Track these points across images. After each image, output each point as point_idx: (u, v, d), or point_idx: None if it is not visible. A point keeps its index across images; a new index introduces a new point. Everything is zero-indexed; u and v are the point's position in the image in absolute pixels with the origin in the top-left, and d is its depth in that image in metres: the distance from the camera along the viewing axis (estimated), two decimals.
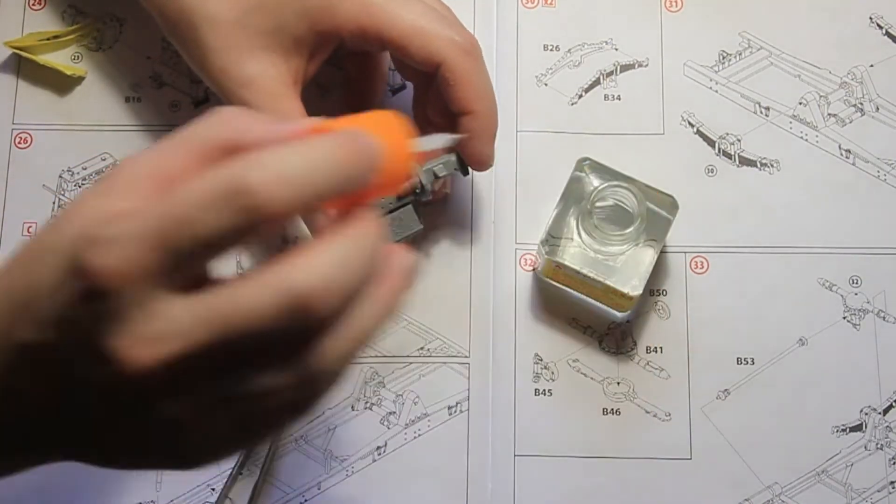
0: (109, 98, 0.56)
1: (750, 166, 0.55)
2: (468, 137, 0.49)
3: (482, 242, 0.54)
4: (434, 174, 0.49)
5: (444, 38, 0.48)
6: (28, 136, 0.56)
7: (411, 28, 0.47)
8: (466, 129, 0.48)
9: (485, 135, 0.49)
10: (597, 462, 0.51)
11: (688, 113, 0.56)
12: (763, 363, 0.53)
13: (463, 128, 0.49)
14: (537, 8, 0.57)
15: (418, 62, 0.48)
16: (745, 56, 0.56)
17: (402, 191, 0.49)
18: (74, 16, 0.58)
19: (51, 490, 0.51)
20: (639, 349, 0.53)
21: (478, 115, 0.48)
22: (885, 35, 0.57)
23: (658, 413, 0.52)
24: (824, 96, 0.56)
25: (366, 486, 0.51)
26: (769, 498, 0.51)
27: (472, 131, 0.49)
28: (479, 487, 0.51)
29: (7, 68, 0.57)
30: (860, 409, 0.52)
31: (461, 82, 0.48)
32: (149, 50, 0.57)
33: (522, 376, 0.52)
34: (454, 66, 0.48)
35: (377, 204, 0.47)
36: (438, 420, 0.52)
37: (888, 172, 0.55)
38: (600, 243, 0.49)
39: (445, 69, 0.48)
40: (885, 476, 0.51)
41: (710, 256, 0.54)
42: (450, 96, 0.48)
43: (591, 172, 0.51)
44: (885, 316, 0.53)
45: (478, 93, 0.48)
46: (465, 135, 0.48)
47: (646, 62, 0.57)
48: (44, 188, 0.55)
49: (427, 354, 0.53)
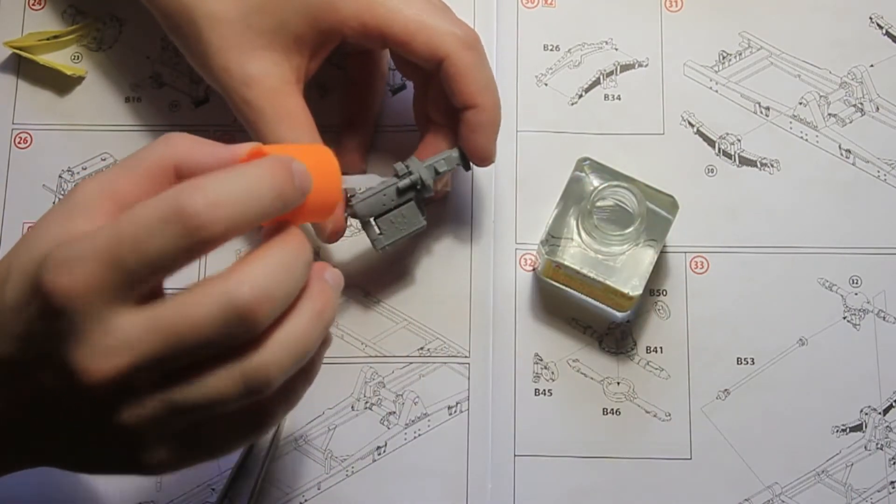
0: (109, 98, 0.56)
1: (750, 166, 0.55)
2: (472, 132, 0.48)
3: (482, 242, 0.54)
4: (435, 170, 0.49)
5: (447, 33, 0.48)
6: (28, 136, 0.56)
7: (414, 23, 0.47)
8: (470, 124, 0.48)
9: (489, 128, 0.49)
10: (597, 462, 0.51)
11: (688, 113, 0.56)
12: (763, 363, 0.53)
13: (467, 122, 0.48)
14: (537, 8, 0.57)
15: (421, 58, 0.48)
16: (745, 56, 0.57)
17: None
18: (74, 16, 0.58)
19: (50, 491, 0.51)
20: (639, 349, 0.53)
21: (482, 108, 0.48)
22: (885, 35, 0.57)
23: (658, 413, 0.52)
24: (824, 96, 0.56)
25: (366, 486, 0.51)
26: (769, 498, 0.51)
27: (477, 125, 0.48)
28: (479, 487, 0.51)
29: (7, 68, 0.57)
30: (860, 409, 0.52)
31: (465, 76, 0.48)
32: (149, 50, 0.57)
33: (522, 376, 0.52)
34: (457, 60, 0.47)
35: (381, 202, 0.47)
36: (438, 420, 0.52)
37: (888, 172, 0.55)
38: (600, 243, 0.49)
39: (449, 63, 0.48)
40: (885, 476, 0.51)
41: (710, 256, 0.54)
42: (453, 90, 0.48)
43: (591, 172, 0.51)
44: (885, 316, 0.53)
45: (481, 86, 0.48)
46: (393, 181, 0.48)
47: (646, 62, 0.57)
48: (44, 188, 0.55)
49: (427, 354, 0.53)
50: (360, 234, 0.54)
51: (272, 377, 0.36)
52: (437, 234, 0.54)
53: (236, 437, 0.38)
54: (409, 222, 0.49)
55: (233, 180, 0.35)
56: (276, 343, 0.36)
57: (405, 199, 0.49)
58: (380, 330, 0.53)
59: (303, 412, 0.52)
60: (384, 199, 0.48)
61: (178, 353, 0.34)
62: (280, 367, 0.36)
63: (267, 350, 0.36)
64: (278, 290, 0.35)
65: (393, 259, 0.54)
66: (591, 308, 0.53)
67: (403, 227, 0.49)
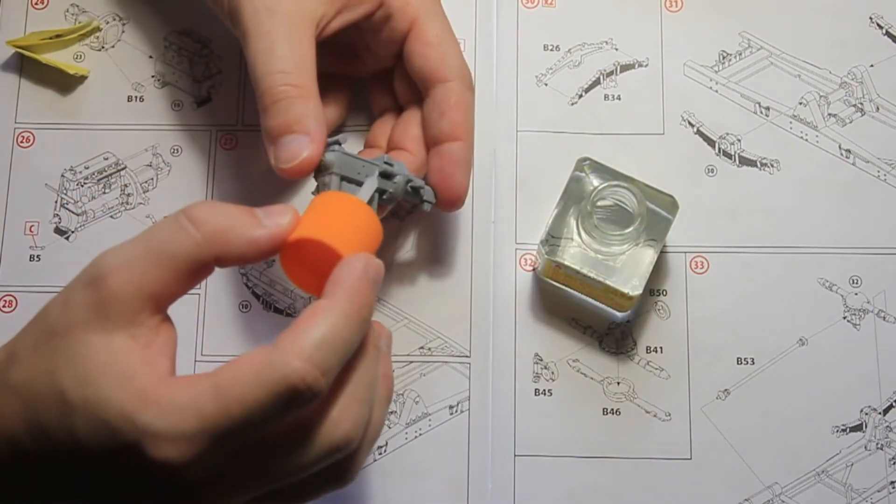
0: (112, 97, 0.57)
1: (750, 166, 0.55)
2: (451, 165, 0.48)
3: (482, 242, 0.54)
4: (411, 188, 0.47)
5: (460, 63, 0.49)
6: (30, 135, 0.56)
7: (437, 37, 0.49)
8: (453, 157, 0.49)
9: (466, 167, 0.49)
10: (597, 462, 0.51)
11: (688, 113, 0.56)
12: (763, 363, 0.53)
13: (450, 154, 0.49)
14: (537, 8, 0.58)
15: (428, 71, 0.49)
16: (745, 56, 0.57)
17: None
18: (77, 15, 0.58)
19: None
20: (639, 349, 0.53)
21: (466, 144, 0.49)
22: (885, 35, 0.57)
23: (658, 413, 0.52)
24: (824, 96, 0.56)
25: (366, 485, 0.51)
26: (769, 498, 0.51)
27: (459, 160, 0.49)
28: (479, 487, 0.51)
29: (9, 67, 0.57)
30: (860, 409, 0.52)
31: (460, 108, 0.49)
32: (151, 49, 0.57)
33: (522, 376, 0.52)
34: (458, 91, 0.49)
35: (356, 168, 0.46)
36: (439, 420, 0.52)
37: (888, 172, 0.55)
38: (600, 243, 0.49)
39: (449, 90, 0.49)
40: (885, 476, 0.51)
41: (710, 256, 0.54)
42: (443, 117, 0.49)
43: (591, 172, 0.51)
44: (885, 316, 0.53)
45: (470, 125, 0.49)
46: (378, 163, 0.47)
47: (646, 62, 0.57)
48: (46, 187, 0.55)
49: (428, 353, 0.53)
50: None
51: (351, 437, 0.38)
52: (438, 234, 0.54)
53: (322, 491, 0.40)
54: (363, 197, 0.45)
55: (329, 337, 0.36)
56: (344, 406, 0.38)
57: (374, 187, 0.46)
58: None
59: None
60: (359, 169, 0.46)
61: (242, 431, 0.35)
62: (354, 424, 0.38)
63: (336, 412, 0.38)
64: (336, 362, 0.36)
65: (394, 258, 0.54)
66: (591, 308, 0.53)
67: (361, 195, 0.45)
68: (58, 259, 0.54)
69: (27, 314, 0.54)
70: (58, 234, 0.55)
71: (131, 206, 0.55)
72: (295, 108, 0.44)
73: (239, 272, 0.54)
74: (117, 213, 0.55)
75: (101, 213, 0.55)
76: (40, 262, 0.54)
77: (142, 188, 0.55)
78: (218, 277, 0.54)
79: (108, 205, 0.55)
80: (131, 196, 0.55)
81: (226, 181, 0.55)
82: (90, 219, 0.55)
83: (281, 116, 0.45)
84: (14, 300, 0.54)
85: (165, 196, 0.55)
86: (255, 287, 0.54)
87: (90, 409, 0.35)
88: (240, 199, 0.55)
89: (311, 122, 0.45)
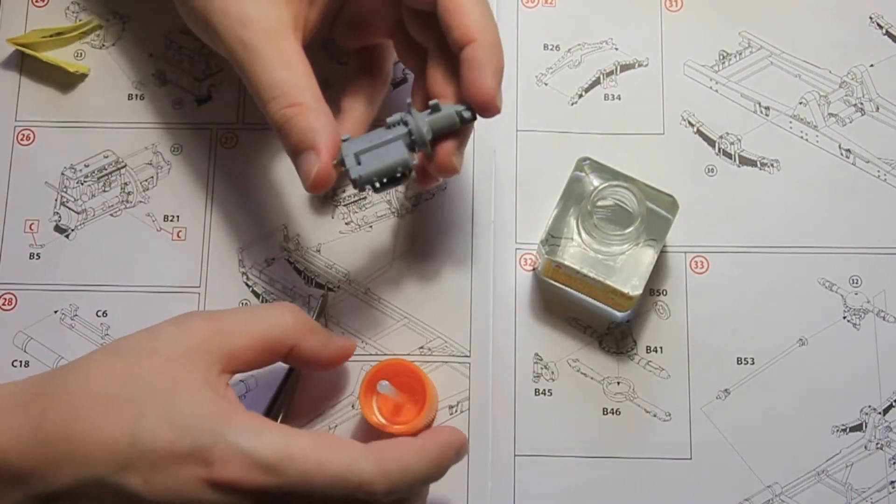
0: (112, 95, 0.57)
1: (750, 166, 0.55)
2: (471, 70, 0.46)
3: (482, 242, 0.54)
4: (431, 128, 0.46)
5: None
6: (31, 132, 0.56)
7: None
8: (470, 60, 0.46)
9: (488, 66, 0.46)
10: (597, 462, 0.51)
11: (688, 113, 0.56)
12: (763, 363, 0.53)
13: (466, 60, 0.46)
14: (537, 7, 0.58)
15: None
16: (745, 56, 0.57)
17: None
18: (78, 13, 0.58)
19: None
20: (639, 349, 0.53)
21: (480, 43, 0.46)
22: (885, 35, 0.57)
23: (658, 413, 0.52)
24: (824, 96, 0.56)
25: None
26: (769, 498, 0.51)
27: (476, 62, 0.46)
28: (479, 487, 0.51)
29: (10, 65, 0.57)
30: (860, 409, 0.52)
31: (461, 8, 0.46)
32: (152, 47, 0.57)
33: (522, 376, 0.52)
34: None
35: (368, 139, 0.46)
36: (440, 419, 0.52)
37: (888, 172, 0.55)
38: (600, 243, 0.49)
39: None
40: (885, 476, 0.51)
41: (710, 256, 0.54)
42: (450, 24, 0.46)
43: (591, 172, 0.51)
44: (885, 316, 0.53)
45: (478, 20, 0.46)
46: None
47: (646, 62, 0.57)
48: (46, 185, 0.55)
49: (428, 353, 0.53)
50: (360, 232, 0.54)
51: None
52: (438, 233, 0.54)
53: None
54: (391, 156, 0.45)
55: (415, 475, 0.43)
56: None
57: (393, 135, 0.45)
58: (380, 328, 0.53)
59: (303, 412, 0.52)
60: (371, 137, 0.45)
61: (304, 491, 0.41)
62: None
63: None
64: (408, 489, 0.43)
65: (394, 257, 0.54)
66: (591, 308, 0.53)
67: (386, 160, 0.45)
68: (57, 257, 0.54)
69: (27, 312, 0.54)
70: (58, 232, 0.55)
71: (131, 205, 0.55)
72: (298, 127, 0.45)
73: (239, 271, 0.54)
74: (117, 211, 0.55)
75: (101, 212, 0.55)
76: (40, 260, 0.54)
77: (142, 186, 0.55)
78: (218, 276, 0.54)
79: (108, 203, 0.55)
80: (131, 194, 0.55)
81: (226, 180, 0.55)
82: (90, 217, 0.55)
83: (290, 139, 0.46)
84: (14, 298, 0.54)
85: (165, 194, 0.55)
86: (255, 286, 0.54)
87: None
88: (240, 198, 0.55)
89: (313, 135, 0.45)
